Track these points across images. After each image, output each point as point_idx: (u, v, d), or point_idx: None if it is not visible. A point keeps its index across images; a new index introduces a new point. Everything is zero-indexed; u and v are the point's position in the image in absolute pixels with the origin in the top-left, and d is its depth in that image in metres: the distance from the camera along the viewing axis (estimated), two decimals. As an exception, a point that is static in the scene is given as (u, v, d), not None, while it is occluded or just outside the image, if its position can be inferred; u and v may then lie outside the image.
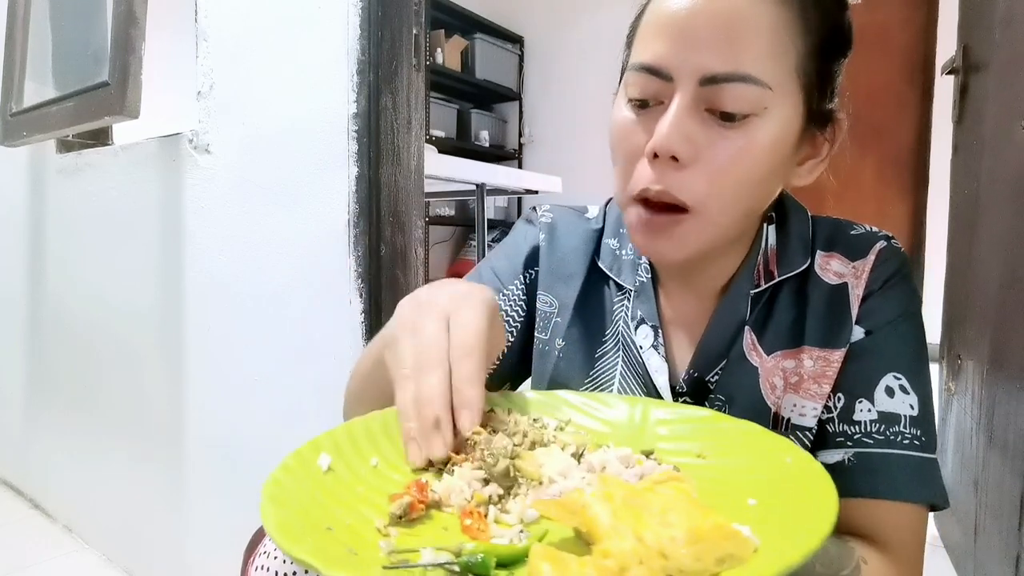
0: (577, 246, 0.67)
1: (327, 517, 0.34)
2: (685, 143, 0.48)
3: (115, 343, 1.49)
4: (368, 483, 0.39)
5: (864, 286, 0.56)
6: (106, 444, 1.55)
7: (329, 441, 0.42)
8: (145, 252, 1.37)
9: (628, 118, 0.52)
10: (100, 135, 1.55)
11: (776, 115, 0.49)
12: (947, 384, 1.59)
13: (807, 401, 0.55)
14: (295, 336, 1.09)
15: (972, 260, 1.39)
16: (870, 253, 0.57)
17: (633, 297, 0.62)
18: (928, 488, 0.52)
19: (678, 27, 0.48)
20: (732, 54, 0.47)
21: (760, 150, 0.49)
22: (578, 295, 0.65)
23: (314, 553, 0.29)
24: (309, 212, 1.04)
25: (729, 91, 0.47)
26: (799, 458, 0.37)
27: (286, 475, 0.38)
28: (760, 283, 0.58)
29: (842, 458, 0.53)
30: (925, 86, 3.55)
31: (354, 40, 0.97)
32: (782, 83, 0.49)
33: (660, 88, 0.50)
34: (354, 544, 0.32)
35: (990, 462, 1.17)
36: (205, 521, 1.30)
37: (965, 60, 1.50)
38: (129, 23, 1.15)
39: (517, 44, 4.45)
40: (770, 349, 0.57)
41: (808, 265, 0.58)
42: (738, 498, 0.34)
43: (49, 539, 1.66)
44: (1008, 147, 1.17)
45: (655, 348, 0.60)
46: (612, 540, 0.28)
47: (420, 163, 1.05)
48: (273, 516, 0.33)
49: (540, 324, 0.67)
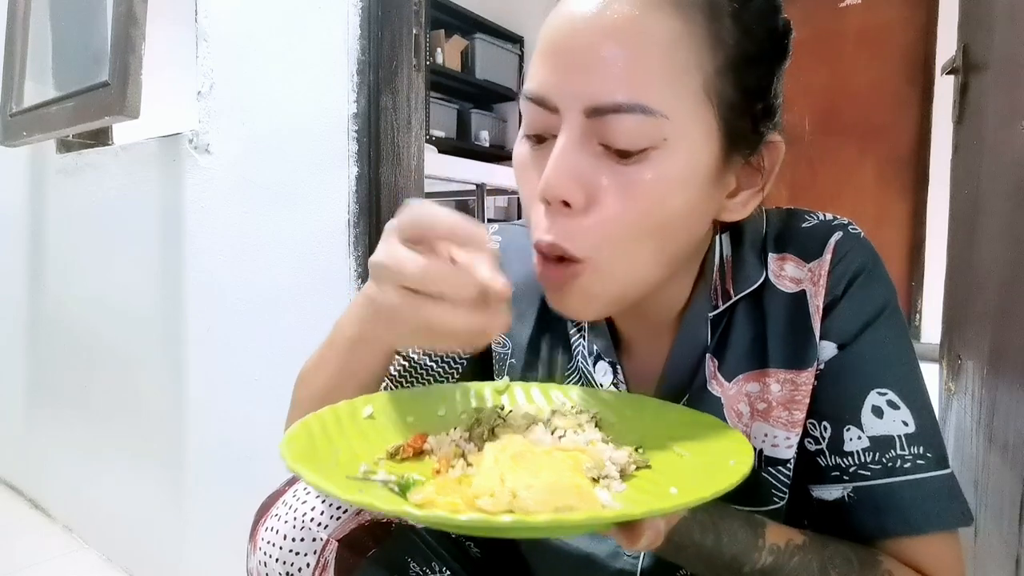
0: (528, 275, 0.55)
1: (343, 443, 0.42)
2: (573, 186, 0.42)
3: (115, 343, 1.49)
4: (401, 433, 0.46)
5: (824, 293, 0.48)
6: (106, 444, 1.55)
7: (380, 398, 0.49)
8: (145, 252, 1.37)
9: (523, 154, 0.47)
10: (100, 135, 1.55)
11: (681, 146, 0.42)
12: (947, 384, 1.59)
13: (779, 430, 0.49)
14: (295, 336, 1.09)
15: (972, 260, 1.39)
16: (825, 251, 0.49)
17: (588, 330, 0.56)
18: (944, 513, 0.46)
19: (561, 50, 0.42)
20: (619, 81, 0.40)
21: (663, 187, 0.42)
22: (531, 333, 0.59)
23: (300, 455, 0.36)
24: (309, 212, 1.04)
25: (617, 123, 0.41)
26: (741, 462, 0.37)
27: (331, 412, 0.45)
28: (718, 304, 0.51)
29: (841, 495, 0.48)
30: (925, 86, 3.55)
31: (354, 40, 0.97)
32: (685, 109, 0.41)
33: (549, 120, 0.43)
34: (346, 463, 0.39)
35: (990, 462, 1.17)
36: (205, 521, 1.30)
37: (965, 60, 1.50)
38: (129, 23, 1.15)
39: (517, 44, 4.45)
40: (731, 375, 0.51)
41: (763, 276, 0.51)
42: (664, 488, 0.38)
43: (49, 539, 1.66)
44: (1008, 147, 1.17)
45: (615, 386, 0.54)
46: (480, 476, 0.35)
47: (420, 163, 1.05)
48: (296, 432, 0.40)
49: (497, 366, 0.61)
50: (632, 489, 0.38)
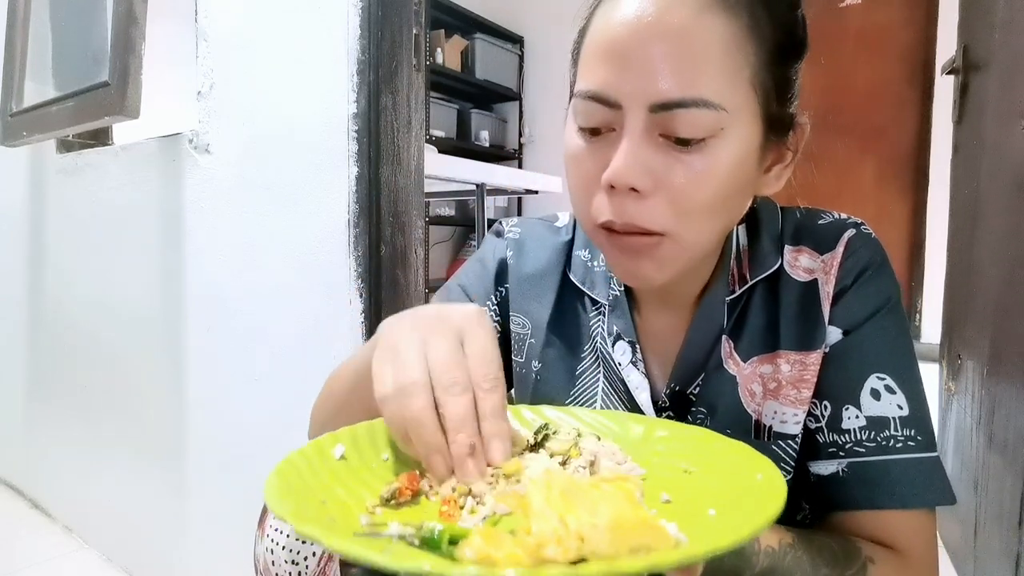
0: (547, 262, 0.64)
1: (325, 492, 0.37)
2: (643, 174, 0.46)
3: (115, 343, 1.49)
4: (376, 473, 0.42)
5: (834, 282, 0.53)
6: (106, 443, 1.55)
7: (348, 435, 0.44)
8: (145, 252, 1.37)
9: (580, 146, 0.50)
10: (100, 135, 1.55)
11: (735, 134, 0.46)
12: (947, 384, 1.59)
13: (787, 407, 0.53)
14: (295, 336, 1.09)
15: (972, 260, 1.39)
16: (838, 245, 0.54)
17: (608, 312, 0.60)
18: (929, 490, 0.50)
19: (623, 51, 0.45)
20: (683, 78, 0.44)
21: (722, 171, 0.46)
22: (551, 314, 0.63)
23: (294, 513, 0.32)
24: (309, 212, 1.04)
25: (683, 117, 0.44)
26: (769, 476, 0.37)
27: (300, 456, 0.40)
28: (735, 289, 0.56)
29: (836, 469, 0.52)
30: (925, 86, 3.55)
31: (354, 40, 0.97)
32: (738, 100, 0.46)
33: (609, 116, 0.47)
34: (339, 515, 0.35)
35: (990, 462, 1.17)
36: (205, 521, 1.30)
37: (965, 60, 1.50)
38: (129, 23, 1.15)
39: (517, 44, 4.45)
40: (746, 356, 0.55)
41: (778, 264, 0.55)
42: (701, 507, 0.35)
43: (49, 539, 1.66)
44: (1008, 147, 1.17)
45: (634, 364, 0.58)
46: (537, 520, 0.31)
47: (420, 163, 1.05)
48: (275, 483, 0.36)
49: (516, 346, 0.65)
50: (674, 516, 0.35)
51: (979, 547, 1.22)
